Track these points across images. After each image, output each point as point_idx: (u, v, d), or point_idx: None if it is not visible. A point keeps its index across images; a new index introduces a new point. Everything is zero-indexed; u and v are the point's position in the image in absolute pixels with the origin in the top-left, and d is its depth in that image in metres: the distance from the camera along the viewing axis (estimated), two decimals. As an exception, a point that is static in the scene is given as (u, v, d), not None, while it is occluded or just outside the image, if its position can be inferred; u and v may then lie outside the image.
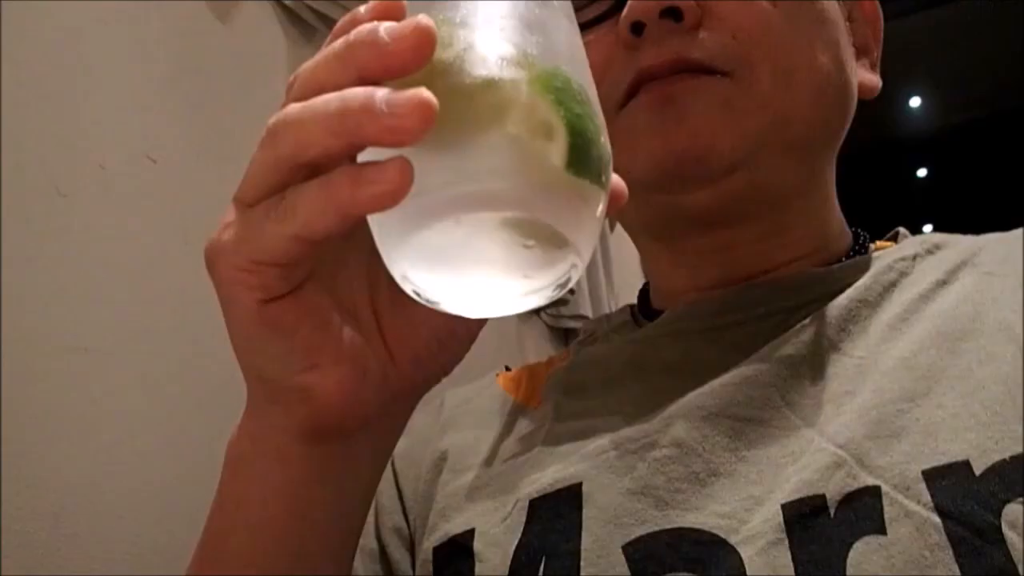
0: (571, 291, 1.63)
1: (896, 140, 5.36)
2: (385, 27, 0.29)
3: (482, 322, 0.39)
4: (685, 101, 0.48)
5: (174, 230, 0.83)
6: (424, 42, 0.28)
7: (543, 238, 0.29)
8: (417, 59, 0.28)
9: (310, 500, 0.39)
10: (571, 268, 0.31)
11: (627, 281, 2.14)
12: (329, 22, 1.06)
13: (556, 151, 0.28)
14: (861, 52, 0.57)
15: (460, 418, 0.59)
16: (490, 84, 0.28)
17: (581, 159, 0.29)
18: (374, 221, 0.31)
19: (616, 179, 0.35)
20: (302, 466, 0.38)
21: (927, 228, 0.58)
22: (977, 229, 0.53)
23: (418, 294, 0.30)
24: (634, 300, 0.63)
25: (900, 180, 5.57)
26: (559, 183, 0.28)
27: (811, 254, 0.53)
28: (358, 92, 0.28)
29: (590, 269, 1.78)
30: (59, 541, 0.66)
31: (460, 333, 0.39)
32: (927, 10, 4.02)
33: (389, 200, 0.27)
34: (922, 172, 5.87)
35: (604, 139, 0.31)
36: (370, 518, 0.55)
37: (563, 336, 1.73)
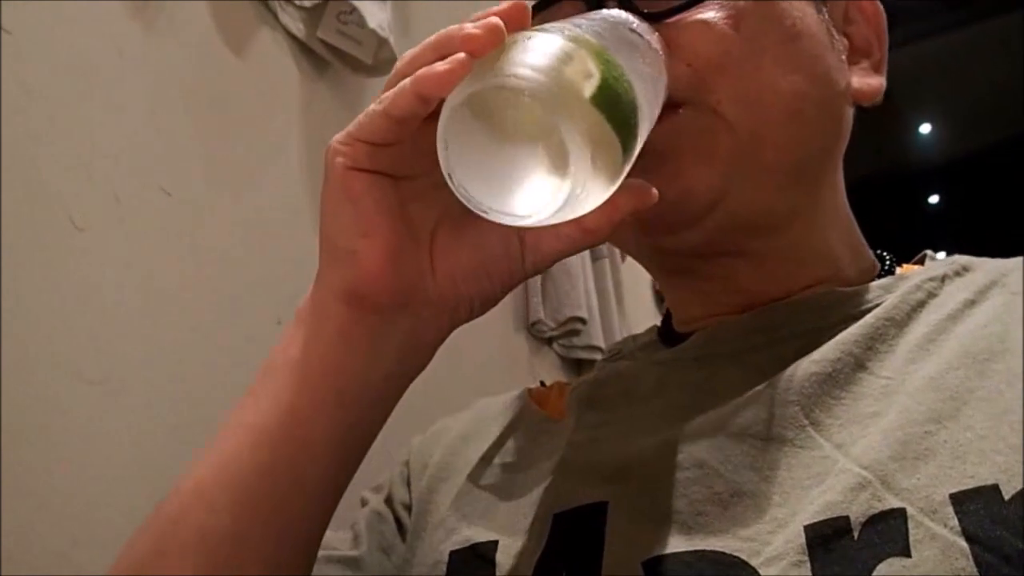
0: (583, 321, 1.63)
1: (907, 167, 5.36)
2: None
3: (510, 278, 0.47)
4: (658, 150, 0.47)
5: (188, 262, 0.84)
6: (521, 8, 0.39)
7: (551, 143, 0.35)
8: (517, 18, 0.38)
9: (338, 359, 0.45)
10: (565, 200, 0.36)
11: (639, 312, 2.14)
12: (341, 56, 1.08)
13: (588, 87, 0.36)
14: (861, 54, 0.56)
15: (486, 427, 0.60)
16: (561, 44, 0.37)
17: (604, 99, 0.36)
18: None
19: (642, 183, 0.43)
20: (338, 324, 0.44)
21: (940, 255, 0.57)
22: (990, 256, 0.53)
23: (444, 156, 0.37)
24: (644, 330, 0.63)
25: (911, 208, 5.56)
26: (580, 105, 0.35)
27: (827, 279, 0.53)
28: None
29: (602, 299, 1.77)
30: (69, 572, 0.66)
31: (493, 275, 0.46)
32: (937, 37, 4.03)
33: (447, 77, 0.36)
34: (933, 199, 5.86)
35: (634, 104, 0.38)
36: (381, 494, 0.61)
37: (576, 366, 1.72)
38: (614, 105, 0.36)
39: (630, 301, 1.98)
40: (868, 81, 0.55)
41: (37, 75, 0.71)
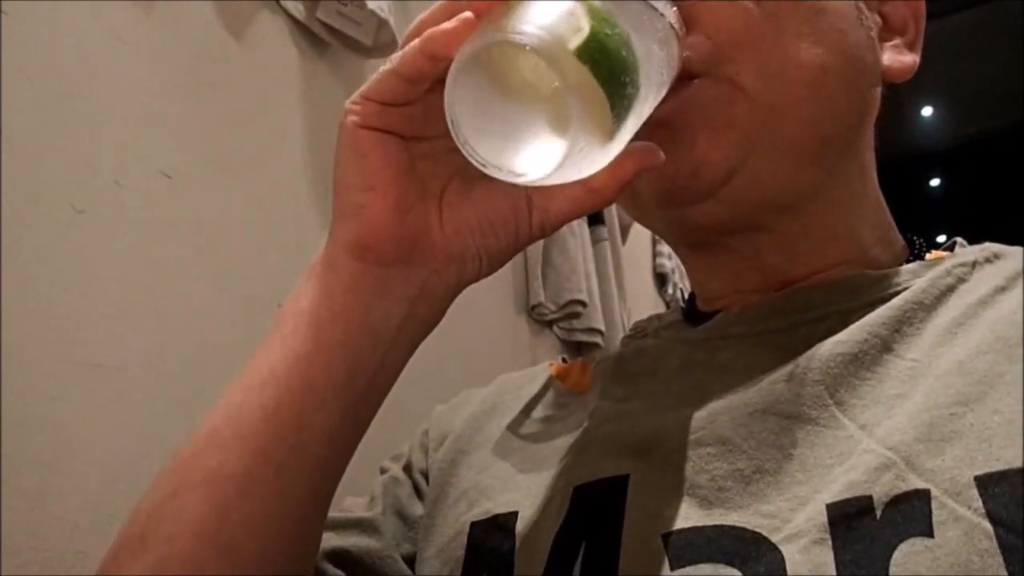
0: (583, 304, 1.63)
1: (908, 150, 5.35)
2: None
3: (516, 237, 0.47)
4: (673, 122, 0.48)
5: (189, 246, 0.84)
6: None
7: (551, 100, 0.36)
8: None
9: (346, 309, 0.46)
10: (563, 160, 0.37)
11: (639, 295, 2.14)
12: (341, 37, 1.07)
13: (574, 40, 0.36)
14: (895, 32, 0.56)
15: (510, 402, 0.60)
16: (566, 4, 0.37)
17: (588, 52, 0.36)
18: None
19: (648, 144, 0.44)
20: (347, 275, 0.46)
21: (940, 239, 0.57)
22: (992, 240, 0.53)
23: (452, 120, 0.38)
24: (646, 314, 0.63)
25: (913, 190, 5.55)
26: (566, 57, 0.36)
27: (852, 260, 0.53)
28: None
29: (602, 283, 1.77)
30: (71, 558, 0.66)
31: (499, 232, 0.47)
32: (939, 19, 4.01)
33: (453, 35, 0.38)
34: (935, 182, 5.85)
35: (626, 62, 0.38)
36: (400, 462, 0.62)
37: (576, 349, 1.73)
38: (601, 59, 0.37)
39: (630, 284, 1.98)
40: (900, 58, 0.55)
41: (36, 58, 0.71)
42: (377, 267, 0.45)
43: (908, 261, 0.53)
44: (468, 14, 0.38)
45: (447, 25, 0.39)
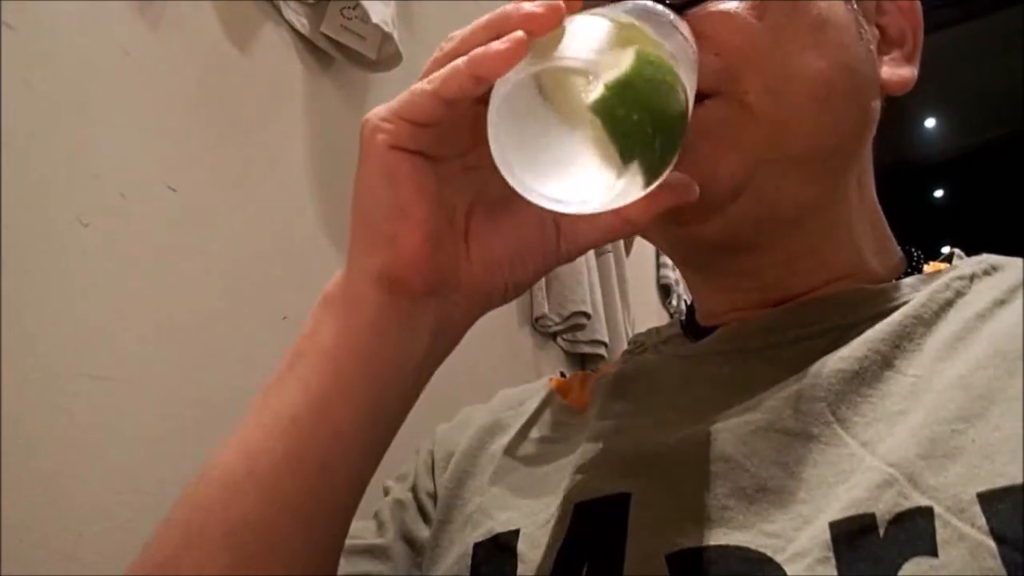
0: (587, 316, 1.63)
1: (912, 161, 5.34)
2: None
3: (544, 264, 0.47)
4: None
5: (194, 259, 0.84)
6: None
7: (604, 130, 0.36)
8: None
9: (371, 347, 0.44)
10: (620, 192, 0.37)
11: (643, 307, 2.14)
12: (345, 51, 1.08)
13: (642, 79, 0.36)
14: (893, 45, 0.56)
15: (511, 419, 0.60)
16: (620, 33, 0.37)
17: (656, 94, 0.37)
18: (499, 132, 0.38)
19: (685, 178, 0.45)
20: (372, 311, 0.44)
21: (944, 250, 0.57)
22: (995, 251, 0.52)
23: (497, 147, 0.37)
24: (649, 325, 0.63)
25: (916, 201, 5.55)
26: (636, 97, 0.36)
27: (852, 273, 0.53)
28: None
29: (606, 294, 1.77)
30: (77, 568, 0.66)
31: (527, 261, 0.47)
32: (942, 30, 4.01)
33: (507, 56, 0.37)
34: (938, 193, 5.85)
35: (681, 103, 0.38)
36: (406, 482, 0.61)
37: (580, 361, 1.72)
38: (664, 102, 0.37)
39: (634, 296, 1.98)
40: (898, 72, 0.55)
41: (41, 71, 0.71)
42: (404, 300, 0.44)
43: (906, 273, 0.53)
44: (521, 35, 0.37)
45: (498, 46, 0.37)
